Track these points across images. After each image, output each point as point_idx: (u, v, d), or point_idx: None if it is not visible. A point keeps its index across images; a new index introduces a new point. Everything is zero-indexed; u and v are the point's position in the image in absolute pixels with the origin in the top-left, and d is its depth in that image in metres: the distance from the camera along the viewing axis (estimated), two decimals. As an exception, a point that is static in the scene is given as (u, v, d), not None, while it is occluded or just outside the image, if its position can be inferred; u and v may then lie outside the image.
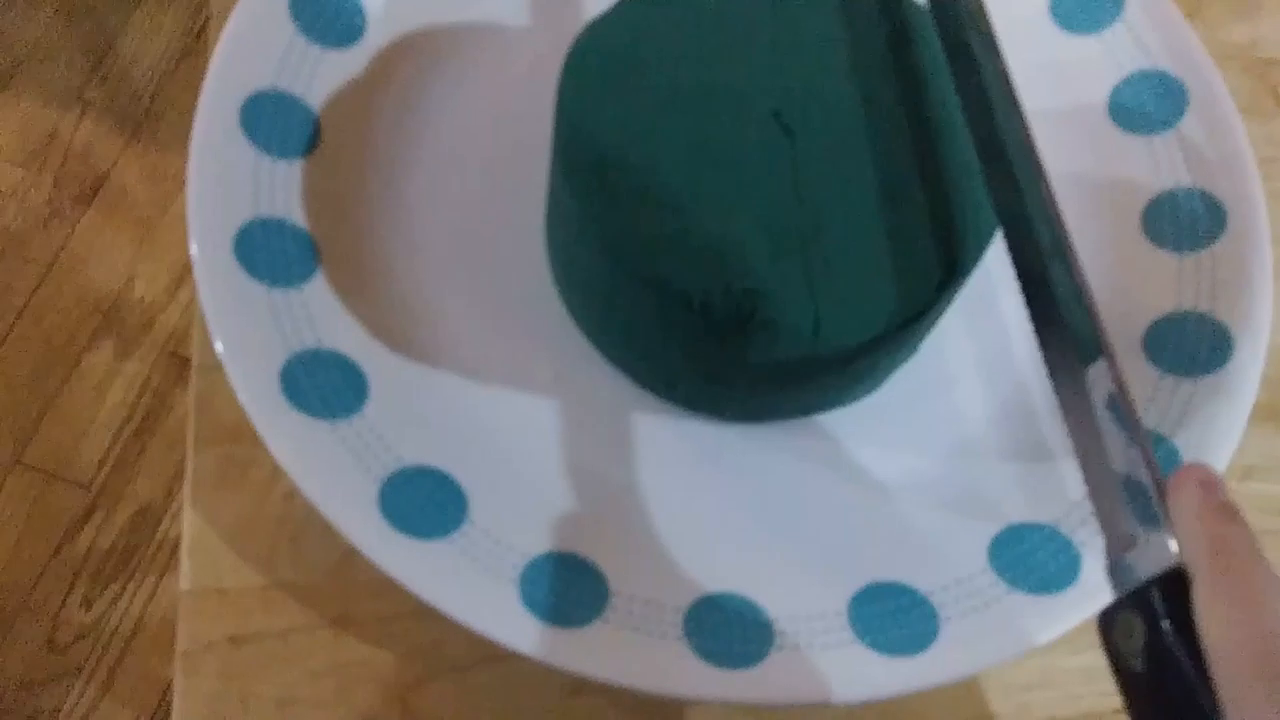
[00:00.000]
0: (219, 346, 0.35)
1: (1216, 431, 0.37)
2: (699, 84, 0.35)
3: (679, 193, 0.33)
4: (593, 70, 0.35)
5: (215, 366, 0.35)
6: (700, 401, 0.37)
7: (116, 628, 0.98)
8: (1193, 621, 0.26)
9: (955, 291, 0.34)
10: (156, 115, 1.19)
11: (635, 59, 0.35)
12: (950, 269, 0.33)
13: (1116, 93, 0.43)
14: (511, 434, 0.37)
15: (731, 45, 0.35)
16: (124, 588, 1.00)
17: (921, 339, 0.37)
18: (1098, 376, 0.32)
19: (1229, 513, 0.27)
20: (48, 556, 1.00)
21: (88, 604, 0.98)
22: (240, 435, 0.37)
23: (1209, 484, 0.28)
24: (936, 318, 0.35)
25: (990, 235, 0.34)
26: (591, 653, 0.32)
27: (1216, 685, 0.25)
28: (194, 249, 0.36)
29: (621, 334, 0.37)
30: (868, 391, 0.38)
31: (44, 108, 1.17)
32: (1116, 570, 0.29)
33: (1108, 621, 0.28)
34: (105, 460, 1.04)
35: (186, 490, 0.37)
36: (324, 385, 0.35)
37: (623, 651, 0.33)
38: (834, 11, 0.37)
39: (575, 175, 0.33)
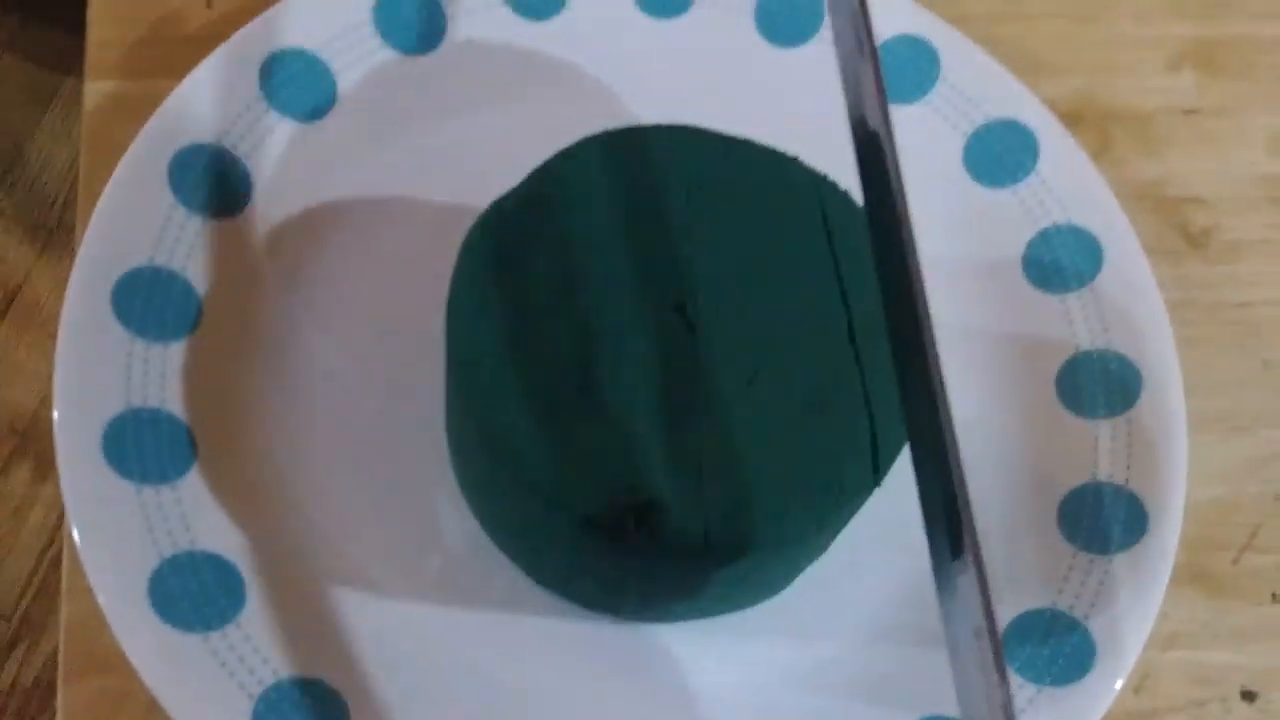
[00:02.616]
0: (85, 564, 0.33)
1: (1132, 613, 0.36)
2: (601, 274, 0.32)
3: (567, 393, 0.31)
4: (489, 256, 0.33)
5: (86, 589, 0.33)
6: (596, 601, 0.36)
7: (45, 764, 0.93)
8: None
9: (852, 505, 0.32)
10: (69, 225, 1.15)
11: (536, 244, 0.33)
12: (855, 482, 0.31)
13: (1031, 247, 0.42)
14: (398, 639, 0.35)
15: (642, 232, 0.33)
16: (51, 721, 0.95)
17: (826, 544, 0.35)
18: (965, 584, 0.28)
19: None
20: (-32, 693, 0.95)
21: (13, 740, 0.94)
22: (113, 665, 0.34)
23: None
24: (840, 528, 0.33)
25: (899, 450, 0.32)
26: None
27: None
28: (60, 451, 0.34)
29: (513, 534, 0.35)
30: (771, 594, 0.36)
31: (-51, 218, 1.13)
32: None
33: None
34: (27, 587, 0.99)
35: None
36: (197, 593, 0.34)
37: None
38: (758, 202, 0.34)
39: (460, 369, 0.32)
